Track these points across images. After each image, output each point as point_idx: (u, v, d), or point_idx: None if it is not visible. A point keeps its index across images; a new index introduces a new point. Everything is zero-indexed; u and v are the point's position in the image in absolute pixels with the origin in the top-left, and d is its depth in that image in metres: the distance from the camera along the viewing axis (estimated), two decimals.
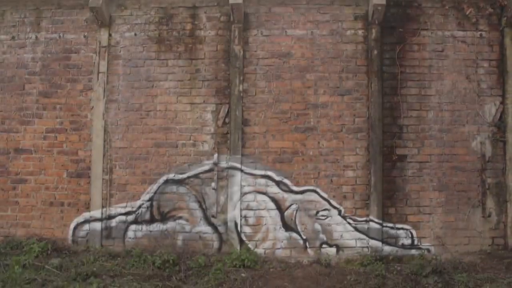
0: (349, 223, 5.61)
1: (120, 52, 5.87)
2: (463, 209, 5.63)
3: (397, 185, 5.60)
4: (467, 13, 5.75)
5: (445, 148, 5.65)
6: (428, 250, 5.58)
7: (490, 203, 5.64)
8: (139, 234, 5.66)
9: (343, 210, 5.61)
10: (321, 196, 5.62)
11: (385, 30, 5.71)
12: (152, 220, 5.68)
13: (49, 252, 5.43)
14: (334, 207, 5.62)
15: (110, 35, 5.87)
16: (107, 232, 5.67)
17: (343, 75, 5.69)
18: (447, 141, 5.66)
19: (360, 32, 5.76)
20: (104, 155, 5.71)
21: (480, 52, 5.77)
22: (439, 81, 5.71)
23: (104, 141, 5.74)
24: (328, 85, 5.69)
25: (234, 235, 5.58)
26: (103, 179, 5.69)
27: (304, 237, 5.61)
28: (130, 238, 5.66)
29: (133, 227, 5.68)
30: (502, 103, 5.73)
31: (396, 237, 5.61)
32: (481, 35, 5.79)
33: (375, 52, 5.64)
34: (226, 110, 5.70)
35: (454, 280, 4.80)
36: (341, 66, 5.71)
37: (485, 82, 5.74)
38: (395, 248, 5.57)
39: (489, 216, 5.65)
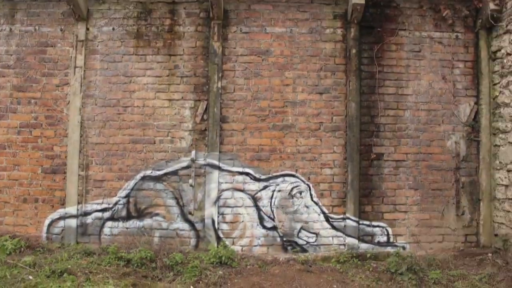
0: (326, 220, 5.71)
1: (97, 46, 5.86)
2: (437, 207, 5.81)
3: (374, 183, 5.73)
4: (444, 14, 5.91)
5: (421, 147, 5.81)
6: (404, 248, 5.74)
7: (464, 201, 5.83)
8: (116, 231, 5.68)
9: (320, 208, 5.70)
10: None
11: (363, 29, 5.83)
12: (128, 217, 5.70)
13: (22, 249, 5.39)
14: (312, 205, 5.72)
15: (87, 29, 5.86)
16: (83, 229, 5.67)
17: (322, 73, 5.80)
18: (423, 140, 5.82)
19: (339, 31, 5.87)
20: (80, 151, 5.71)
21: (456, 53, 5.94)
22: (416, 81, 5.86)
23: (81, 136, 5.74)
24: (306, 83, 5.78)
25: (211, 232, 5.64)
26: (79, 175, 5.69)
27: (281, 234, 5.70)
28: (106, 235, 5.66)
29: (109, 224, 5.69)
30: (477, 103, 5.92)
31: (372, 235, 5.75)
32: (457, 36, 5.97)
33: (354, 51, 5.76)
34: (205, 106, 5.75)
35: (428, 277, 4.97)
36: (319, 64, 5.81)
37: (460, 82, 5.92)
38: (371, 246, 5.72)
39: (463, 214, 5.84)
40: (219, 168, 5.66)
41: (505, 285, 4.69)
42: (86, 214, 5.68)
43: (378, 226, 5.76)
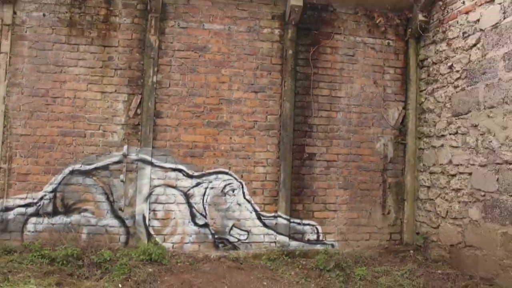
0: (258, 218, 6.03)
1: (26, 32, 5.83)
2: (365, 207, 6.33)
3: (305, 182, 6.14)
4: (377, 21, 6.45)
5: (352, 148, 6.30)
6: (332, 245, 6.20)
7: (390, 201, 6.40)
8: (40, 227, 5.68)
9: (252, 206, 6.01)
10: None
11: (301, 31, 6.22)
12: (55, 213, 5.72)
13: None
14: (244, 203, 6.02)
15: (15, 13, 5.80)
16: (3, 225, 5.62)
17: (258, 72, 6.13)
18: (354, 141, 6.32)
19: (276, 31, 6.22)
20: (3, 142, 5.66)
21: (387, 59, 6.51)
22: (349, 84, 6.35)
23: (4, 127, 5.69)
24: (242, 82, 6.09)
25: (142, 229, 5.80)
26: (0, 167, 5.63)
27: (213, 232, 5.97)
28: (29, 231, 5.66)
29: (33, 219, 5.68)
30: (404, 108, 6.54)
31: (303, 233, 6.16)
32: (388, 43, 6.53)
33: (290, 52, 6.13)
34: (138, 101, 5.90)
35: (355, 274, 5.41)
36: (256, 63, 6.13)
37: (390, 87, 6.49)
38: (301, 243, 6.12)
39: (388, 213, 6.40)
40: (151, 163, 5.83)
41: (424, 280, 5.23)
42: (7, 209, 5.64)
43: (308, 224, 6.17)
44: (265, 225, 6.05)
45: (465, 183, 5.47)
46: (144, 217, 5.81)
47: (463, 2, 5.67)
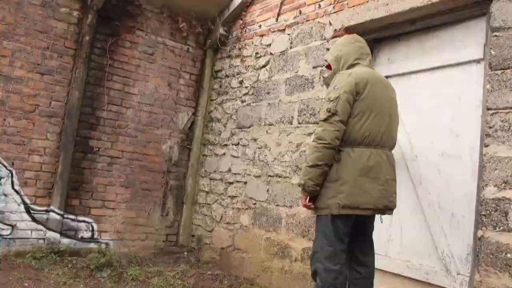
0: (26, 212, 6.00)
1: None
2: (145, 207, 6.96)
3: (86, 177, 6.42)
4: (181, 26, 7.23)
5: (138, 147, 6.87)
6: (107, 244, 6.61)
7: (170, 203, 7.19)
8: None
9: (21, 198, 5.96)
10: None
11: (102, 19, 6.53)
12: None
13: None
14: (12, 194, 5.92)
15: None
16: None
17: (48, 53, 6.16)
18: (141, 140, 6.90)
19: (75, 13, 6.37)
20: None
21: (184, 65, 7.34)
22: (143, 82, 6.92)
23: None
24: (28, 60, 6.02)
25: None
26: None
27: None
28: None
29: None
30: (194, 114, 7.46)
31: (77, 230, 6.40)
32: (188, 49, 7.37)
33: (87, 38, 6.36)
34: None
35: (127, 274, 5.84)
36: (47, 43, 6.15)
37: (184, 92, 7.33)
38: (74, 241, 6.34)
39: (167, 215, 7.18)
40: None
41: (194, 280, 5.98)
42: None
43: (84, 221, 6.44)
44: (34, 219, 6.06)
45: (240, 191, 6.53)
46: None
47: (260, 26, 6.83)
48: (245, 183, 6.48)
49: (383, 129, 3.73)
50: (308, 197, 3.82)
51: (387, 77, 5.14)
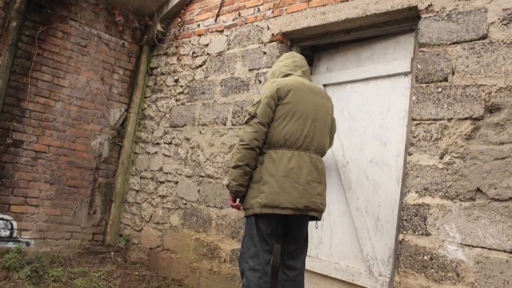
0: None
1: None
2: (71, 204, 6.69)
3: (6, 172, 6.06)
4: (117, 20, 7.03)
5: (66, 142, 6.58)
6: (28, 243, 6.27)
7: (98, 201, 6.94)
8: None
9: None
10: None
11: (32, 5, 6.21)
12: None
13: None
14: None
15: None
16: None
17: None
18: (69, 135, 6.62)
19: None
20: None
21: (119, 59, 7.13)
22: (74, 75, 6.65)
23: None
24: None
25: None
26: None
27: None
28: None
29: None
30: (127, 111, 7.26)
31: None
32: (123, 44, 7.17)
33: (14, 23, 6.01)
34: None
35: (49, 275, 5.58)
36: None
37: (117, 88, 7.12)
38: None
39: (94, 213, 6.94)
40: None
41: (121, 281, 5.84)
42: None
43: (2, 219, 6.07)
44: None
45: (171, 190, 6.44)
46: None
47: (198, 25, 6.78)
48: (176, 183, 6.40)
49: (306, 133, 3.85)
50: (236, 198, 3.97)
51: (325, 85, 5.35)
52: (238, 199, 3.98)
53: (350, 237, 4.79)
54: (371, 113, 4.89)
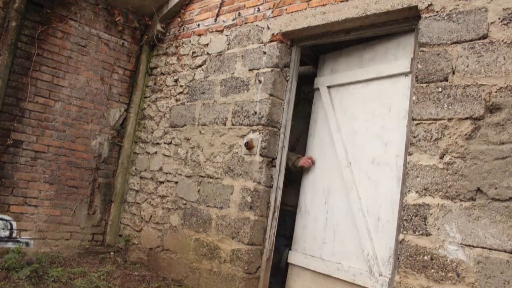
0: None
1: None
2: (71, 205, 6.68)
3: (6, 172, 6.05)
4: (117, 19, 7.02)
5: (65, 142, 6.57)
6: (27, 244, 6.26)
7: (97, 201, 6.94)
8: None
9: None
10: None
11: (32, 5, 6.21)
12: None
13: None
14: None
15: None
16: None
17: None
18: (69, 135, 6.61)
19: None
20: None
21: (118, 59, 7.12)
22: (74, 75, 6.64)
23: None
24: None
25: None
26: None
27: None
28: None
29: None
30: (127, 111, 7.26)
31: None
32: (123, 44, 7.16)
33: (14, 23, 6.00)
34: None
35: (49, 275, 5.55)
36: None
37: (117, 88, 7.11)
38: None
39: (94, 213, 6.92)
40: None
41: (120, 281, 5.82)
42: None
43: (1, 219, 6.06)
44: None
45: (170, 191, 6.42)
46: None
47: (198, 25, 6.77)
48: (176, 183, 6.39)
49: None
50: None
51: (329, 87, 5.40)
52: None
53: (352, 237, 4.79)
54: (372, 113, 4.90)
